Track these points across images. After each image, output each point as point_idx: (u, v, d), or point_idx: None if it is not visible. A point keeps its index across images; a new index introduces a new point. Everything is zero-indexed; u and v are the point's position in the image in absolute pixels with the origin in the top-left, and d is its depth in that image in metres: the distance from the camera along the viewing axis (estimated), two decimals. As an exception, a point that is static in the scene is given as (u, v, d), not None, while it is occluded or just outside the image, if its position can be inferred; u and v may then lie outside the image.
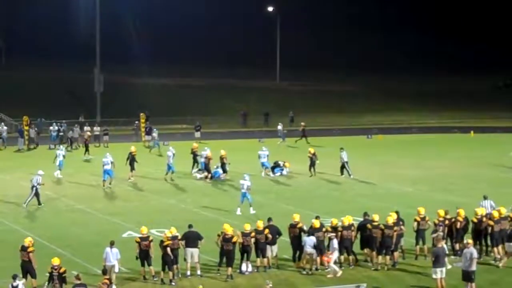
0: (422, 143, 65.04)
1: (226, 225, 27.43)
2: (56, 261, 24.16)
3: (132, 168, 46.13)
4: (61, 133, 62.12)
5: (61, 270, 24.11)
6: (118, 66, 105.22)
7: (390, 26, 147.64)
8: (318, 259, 27.81)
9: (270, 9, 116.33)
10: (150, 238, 26.73)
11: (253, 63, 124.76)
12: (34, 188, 38.61)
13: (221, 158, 47.00)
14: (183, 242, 27.03)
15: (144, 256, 26.51)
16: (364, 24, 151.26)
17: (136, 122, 67.32)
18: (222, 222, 30.62)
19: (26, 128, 61.53)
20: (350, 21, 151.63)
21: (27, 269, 25.35)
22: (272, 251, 28.03)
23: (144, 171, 48.77)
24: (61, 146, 50.79)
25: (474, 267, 25.24)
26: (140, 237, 26.78)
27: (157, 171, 48.70)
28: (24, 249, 25.69)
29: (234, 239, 26.93)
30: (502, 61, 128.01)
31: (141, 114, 67.14)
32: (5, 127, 62.94)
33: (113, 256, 25.94)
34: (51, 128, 62.25)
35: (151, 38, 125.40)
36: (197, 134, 64.21)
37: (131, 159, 46.31)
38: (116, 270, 26.02)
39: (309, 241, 27.64)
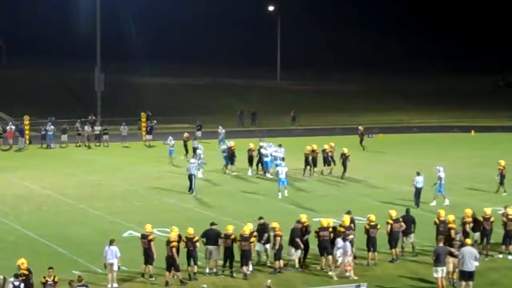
0: (422, 143, 65.01)
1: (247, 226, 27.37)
2: (20, 261, 23.62)
3: (232, 163, 46.71)
4: (49, 133, 61.09)
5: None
6: (119, 65, 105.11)
7: (390, 25, 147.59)
8: (323, 259, 27.85)
9: (271, 8, 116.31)
10: (150, 237, 26.52)
11: (253, 63, 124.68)
12: (193, 176, 40.86)
13: (324, 152, 47.10)
14: (203, 240, 27.13)
15: (143, 253, 26.47)
16: (364, 24, 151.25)
17: (139, 121, 67.24)
18: (223, 221, 30.64)
19: (27, 127, 61.40)
20: (350, 21, 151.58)
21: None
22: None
23: (144, 170, 48.78)
24: (200, 146, 49.46)
25: (474, 267, 25.25)
26: (141, 234, 26.90)
27: (157, 171, 48.73)
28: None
29: (252, 239, 26.92)
30: (502, 61, 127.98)
31: (142, 113, 67.09)
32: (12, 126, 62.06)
33: (112, 254, 25.88)
34: (48, 128, 61.94)
35: (152, 37, 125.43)
36: (198, 134, 64.14)
37: (231, 154, 46.61)
38: (115, 268, 25.90)
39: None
